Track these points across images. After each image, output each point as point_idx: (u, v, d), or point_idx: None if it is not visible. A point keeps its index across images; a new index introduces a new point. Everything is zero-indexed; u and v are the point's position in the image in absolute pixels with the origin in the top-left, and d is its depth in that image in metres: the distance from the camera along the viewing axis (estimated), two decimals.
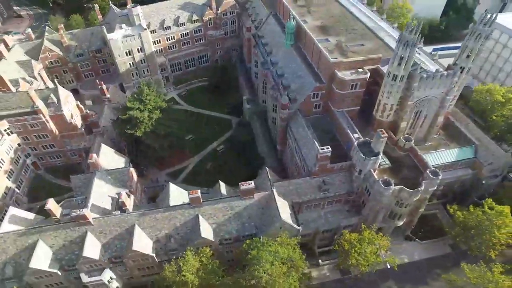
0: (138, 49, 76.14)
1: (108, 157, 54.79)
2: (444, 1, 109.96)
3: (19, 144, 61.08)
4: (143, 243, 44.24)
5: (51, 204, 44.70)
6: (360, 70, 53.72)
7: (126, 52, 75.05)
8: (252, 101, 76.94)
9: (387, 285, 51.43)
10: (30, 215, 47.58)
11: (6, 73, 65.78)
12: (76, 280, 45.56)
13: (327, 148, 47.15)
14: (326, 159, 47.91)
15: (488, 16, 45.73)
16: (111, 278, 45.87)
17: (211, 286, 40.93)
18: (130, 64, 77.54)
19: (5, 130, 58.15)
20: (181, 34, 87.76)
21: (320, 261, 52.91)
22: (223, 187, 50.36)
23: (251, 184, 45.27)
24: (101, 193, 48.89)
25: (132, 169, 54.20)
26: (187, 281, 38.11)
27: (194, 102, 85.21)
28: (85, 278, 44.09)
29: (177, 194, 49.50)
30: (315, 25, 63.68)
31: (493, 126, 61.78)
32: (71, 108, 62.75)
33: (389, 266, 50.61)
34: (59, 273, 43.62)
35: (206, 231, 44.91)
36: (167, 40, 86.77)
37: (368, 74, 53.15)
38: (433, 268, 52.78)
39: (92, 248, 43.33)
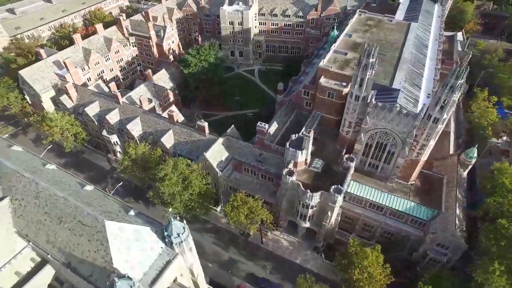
0: (238, 22, 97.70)
1: (162, 78, 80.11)
2: None
3: (136, 55, 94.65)
4: (135, 128, 67.27)
5: (112, 85, 73.08)
6: (344, 83, 57.75)
7: (229, 22, 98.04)
8: None
9: (263, 263, 57.33)
10: (105, 88, 77.98)
11: (156, 12, 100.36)
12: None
13: (264, 124, 56.44)
14: (262, 133, 57.10)
15: (461, 69, 42.53)
16: (116, 142, 71.73)
17: (144, 167, 60.35)
18: (229, 31, 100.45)
19: (132, 43, 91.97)
20: (284, 24, 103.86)
21: None
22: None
23: (205, 123, 60.50)
24: (141, 94, 74.50)
25: (169, 91, 77.85)
26: (128, 151, 58.82)
27: (264, 78, 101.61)
28: (104, 132, 71.34)
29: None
30: (353, 40, 68.00)
31: (482, 207, 52.36)
32: (171, 44, 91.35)
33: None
34: (96, 123, 72.39)
35: (167, 141, 63.69)
36: (271, 25, 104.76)
37: (347, 89, 56.75)
38: None
39: (112, 117, 69.56)
